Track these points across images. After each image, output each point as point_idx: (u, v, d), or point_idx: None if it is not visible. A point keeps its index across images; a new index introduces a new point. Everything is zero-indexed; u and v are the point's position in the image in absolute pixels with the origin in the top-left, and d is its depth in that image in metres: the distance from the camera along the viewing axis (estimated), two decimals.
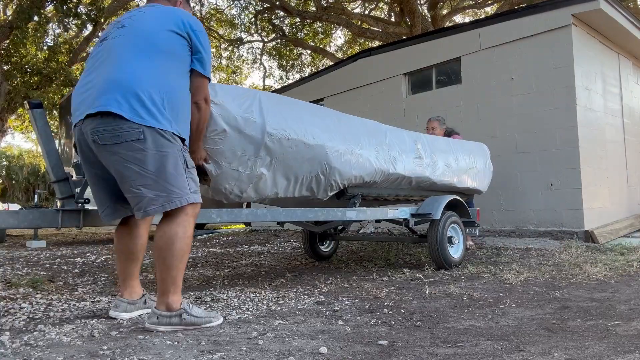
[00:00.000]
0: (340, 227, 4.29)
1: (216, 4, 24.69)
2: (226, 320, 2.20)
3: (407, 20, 12.99)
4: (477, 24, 6.25)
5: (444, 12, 14.78)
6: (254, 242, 6.58)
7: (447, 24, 13.79)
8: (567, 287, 2.83)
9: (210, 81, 2.17)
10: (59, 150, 10.58)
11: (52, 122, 16.98)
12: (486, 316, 2.19)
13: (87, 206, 2.17)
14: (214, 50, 18.55)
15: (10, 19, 11.66)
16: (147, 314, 2.16)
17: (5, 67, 11.68)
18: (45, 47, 12.85)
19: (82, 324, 2.13)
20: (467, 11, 16.50)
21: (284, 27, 16.76)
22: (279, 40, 17.06)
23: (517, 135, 5.63)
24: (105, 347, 1.76)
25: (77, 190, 2.16)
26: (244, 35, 17.59)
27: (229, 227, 11.03)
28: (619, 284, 2.90)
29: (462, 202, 3.97)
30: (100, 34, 15.99)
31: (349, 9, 15.77)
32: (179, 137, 2.00)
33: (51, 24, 12.76)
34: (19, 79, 11.91)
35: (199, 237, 8.10)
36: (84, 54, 15.61)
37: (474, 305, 2.42)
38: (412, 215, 3.64)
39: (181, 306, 2.00)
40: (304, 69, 18.64)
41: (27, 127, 17.95)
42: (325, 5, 14.70)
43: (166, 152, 1.93)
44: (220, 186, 2.52)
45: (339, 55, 17.62)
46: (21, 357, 1.65)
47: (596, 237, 4.95)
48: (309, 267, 4.02)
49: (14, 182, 26.45)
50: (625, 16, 5.63)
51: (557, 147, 5.32)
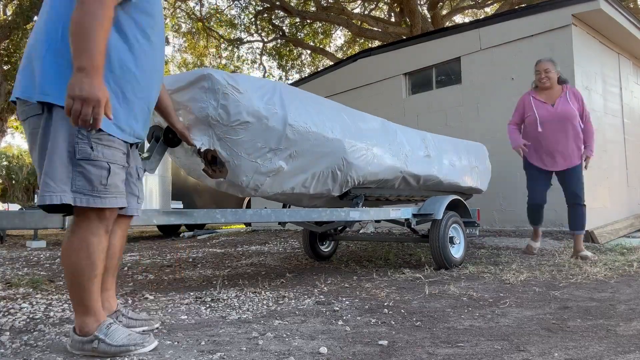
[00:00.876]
0: (340, 227, 4.29)
1: (216, 4, 24.67)
2: (226, 320, 2.20)
3: (407, 20, 12.99)
4: (477, 24, 6.24)
5: (444, 12, 14.78)
6: (254, 242, 6.58)
7: (447, 24, 13.79)
8: (567, 287, 2.83)
9: None
10: None
11: None
12: (486, 316, 2.19)
13: None
14: (213, 50, 18.56)
15: (10, 19, 11.66)
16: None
17: (5, 67, 11.67)
18: None
19: None
20: (467, 11, 16.49)
21: (284, 27, 16.76)
22: (279, 40, 17.06)
23: None
24: None
25: None
26: (244, 35, 17.59)
27: (229, 227, 11.03)
28: (619, 284, 2.90)
29: (463, 202, 3.97)
30: None
31: (349, 9, 15.76)
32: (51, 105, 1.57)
33: None
34: None
35: (199, 237, 8.10)
36: None
37: (474, 305, 2.42)
38: (414, 215, 3.64)
39: (97, 331, 1.65)
40: (303, 69, 18.64)
41: None
42: (325, 5, 14.70)
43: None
44: (237, 179, 2.47)
45: (339, 55, 17.61)
46: (21, 357, 1.65)
47: (596, 237, 4.95)
48: (309, 267, 4.02)
49: (14, 182, 26.45)
50: (625, 16, 5.63)
51: None
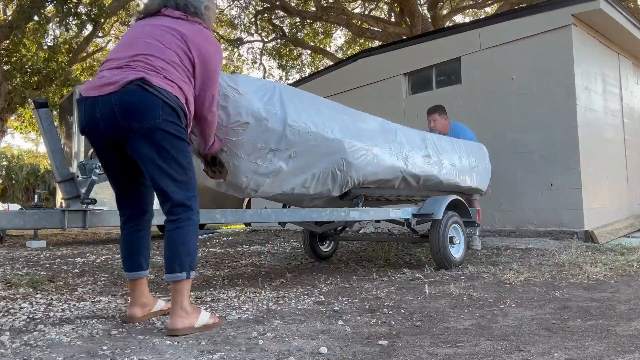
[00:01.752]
0: (340, 227, 4.29)
1: (216, 4, 24.65)
2: (226, 320, 2.20)
3: (407, 20, 12.99)
4: (477, 24, 6.24)
5: (444, 12, 14.78)
6: (254, 242, 6.58)
7: (447, 24, 13.79)
8: (567, 287, 2.83)
9: None
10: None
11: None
12: (486, 316, 2.18)
13: (91, 207, 2.16)
14: None
15: (10, 19, 11.66)
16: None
17: (5, 67, 11.67)
18: (45, 47, 12.83)
19: (82, 324, 2.13)
20: (467, 11, 16.50)
21: (284, 27, 16.76)
22: (279, 40, 17.06)
23: (517, 135, 5.63)
24: (105, 347, 1.76)
25: (83, 190, 2.15)
26: (244, 35, 17.59)
27: (229, 227, 11.03)
28: (619, 284, 2.90)
29: (463, 202, 3.97)
30: (100, 34, 16.05)
31: (349, 9, 15.76)
32: None
33: (51, 24, 12.74)
34: (19, 79, 11.90)
35: (199, 237, 8.10)
36: (84, 54, 15.62)
37: (474, 305, 2.42)
38: (414, 215, 3.63)
39: None
40: (304, 69, 18.64)
41: (25, 127, 17.93)
42: (325, 5, 14.70)
43: None
44: (237, 180, 2.49)
45: (339, 55, 17.62)
46: (21, 357, 1.65)
47: (596, 237, 4.95)
48: (309, 267, 4.02)
49: (13, 182, 26.44)
50: (625, 16, 5.63)
51: (557, 147, 5.31)
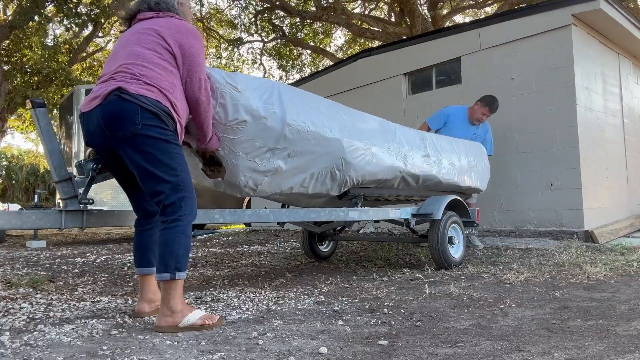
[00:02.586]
0: (339, 227, 4.29)
1: (216, 4, 24.69)
2: (226, 320, 2.20)
3: (407, 20, 12.99)
4: (477, 24, 6.24)
5: (444, 12, 14.78)
6: (254, 242, 6.58)
7: (447, 24, 13.79)
8: (567, 287, 2.83)
9: None
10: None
11: (52, 122, 17.01)
12: (486, 316, 2.19)
13: (89, 207, 2.16)
14: (213, 50, 18.56)
15: (10, 19, 11.66)
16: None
17: (5, 67, 11.67)
18: (45, 47, 12.83)
19: (82, 324, 2.13)
20: (467, 11, 16.50)
21: (284, 27, 16.76)
22: (279, 40, 17.06)
23: (517, 135, 5.63)
24: (105, 347, 1.77)
25: (80, 190, 2.16)
26: (244, 35, 17.59)
27: (229, 227, 11.03)
28: (619, 284, 2.90)
29: (462, 202, 3.97)
30: (100, 34, 16.05)
31: (349, 9, 15.76)
32: None
33: (51, 24, 12.75)
34: (19, 79, 11.90)
35: (199, 237, 8.10)
36: (84, 54, 15.62)
37: (474, 305, 2.42)
38: (413, 215, 3.63)
39: None
40: (304, 69, 18.64)
41: (26, 127, 17.93)
42: (325, 5, 14.70)
43: None
44: (235, 178, 2.50)
45: (339, 55, 17.61)
46: (21, 357, 1.65)
47: (596, 237, 4.95)
48: (309, 267, 4.02)
49: (13, 182, 26.44)
50: (625, 16, 5.63)
51: (557, 147, 5.31)
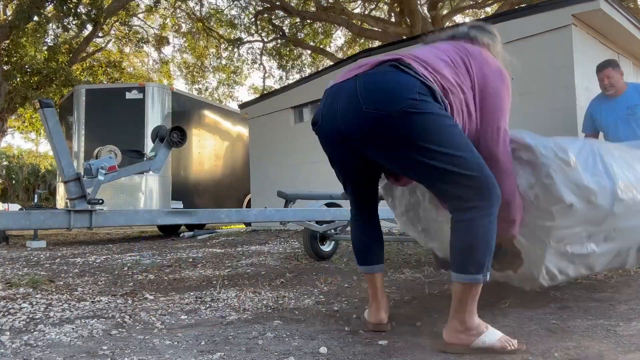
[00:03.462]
0: (339, 227, 4.29)
1: (216, 4, 24.69)
2: (226, 320, 2.20)
3: (407, 20, 12.99)
4: None
5: (444, 12, 14.78)
6: (254, 242, 6.58)
7: (447, 24, 13.79)
8: (567, 287, 2.83)
9: None
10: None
11: None
12: (486, 316, 2.18)
13: (97, 207, 2.16)
14: (213, 50, 18.56)
15: (10, 19, 11.66)
16: None
17: (5, 67, 11.67)
18: (45, 48, 12.83)
19: (82, 324, 2.13)
20: (467, 11, 16.49)
21: (284, 27, 16.75)
22: (279, 40, 17.06)
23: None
24: (105, 347, 1.76)
25: (89, 190, 2.16)
26: (244, 35, 17.59)
27: (229, 227, 11.03)
28: (619, 284, 2.90)
29: None
30: (100, 34, 16.05)
31: (349, 9, 15.77)
32: None
33: (51, 24, 12.75)
34: (19, 79, 11.90)
35: (199, 237, 8.10)
36: (84, 54, 15.62)
37: None
38: None
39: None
40: (304, 69, 18.64)
41: (26, 127, 17.93)
42: (325, 5, 14.70)
43: None
44: (536, 271, 1.99)
45: (339, 55, 17.61)
46: (21, 357, 1.65)
47: None
48: (309, 267, 4.02)
49: (14, 182, 26.43)
50: (625, 16, 5.63)
51: None
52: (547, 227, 1.84)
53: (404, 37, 11.23)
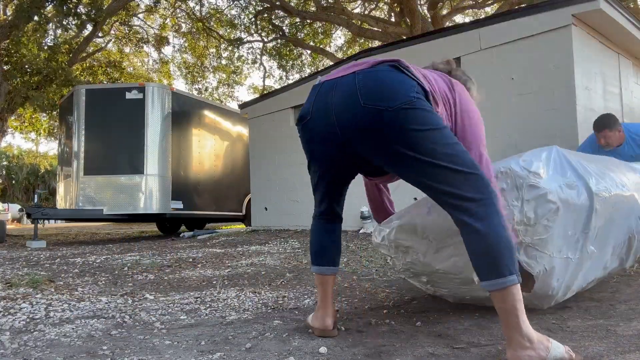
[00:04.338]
0: None
1: (216, 4, 24.68)
2: (226, 320, 2.20)
3: (407, 20, 12.98)
4: (477, 24, 6.24)
5: (444, 12, 14.77)
6: (254, 242, 6.58)
7: (447, 24, 13.79)
8: None
9: None
10: (59, 150, 10.50)
11: (52, 122, 16.99)
12: (486, 316, 2.18)
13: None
14: (213, 50, 18.55)
15: (10, 19, 11.66)
16: None
17: (5, 67, 11.67)
18: (45, 47, 12.83)
19: (82, 324, 2.13)
20: (467, 11, 16.49)
21: (284, 27, 16.76)
22: (279, 40, 17.06)
23: (517, 135, 5.63)
24: (105, 347, 1.77)
25: None
26: (244, 35, 17.58)
27: (229, 227, 11.04)
28: (619, 284, 2.90)
29: None
30: (99, 34, 16.04)
31: (349, 9, 15.76)
32: None
33: (51, 24, 12.74)
34: (19, 79, 11.90)
35: (199, 237, 8.10)
36: (84, 54, 15.62)
37: (474, 305, 2.41)
38: None
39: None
40: (304, 69, 18.63)
41: (26, 127, 17.93)
42: (325, 5, 14.70)
43: None
44: (547, 287, 1.97)
45: (339, 55, 17.60)
46: (21, 357, 1.65)
47: None
48: (309, 267, 4.02)
49: (14, 182, 26.44)
50: (625, 16, 5.63)
51: None
52: (544, 240, 1.87)
53: (404, 37, 11.22)
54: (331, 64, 12.53)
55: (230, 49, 18.37)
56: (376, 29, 14.32)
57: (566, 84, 5.27)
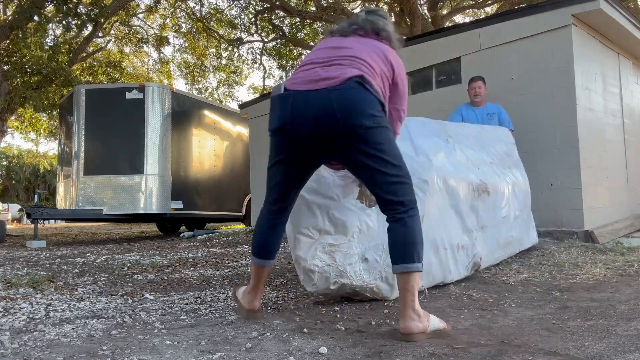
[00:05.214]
0: None
1: (216, 4, 24.66)
2: (226, 320, 2.20)
3: (407, 20, 12.98)
4: (477, 24, 6.24)
5: (444, 12, 14.78)
6: None
7: (447, 24, 13.79)
8: (567, 287, 2.83)
9: None
10: (59, 150, 10.47)
11: (52, 122, 16.99)
12: (486, 316, 2.18)
13: None
14: (213, 50, 18.55)
15: (10, 19, 11.66)
16: None
17: (5, 67, 11.67)
18: (46, 47, 12.83)
19: (82, 324, 2.13)
20: (467, 11, 16.49)
21: (284, 27, 16.75)
22: (279, 40, 17.06)
23: (517, 135, 5.62)
24: (105, 347, 1.77)
25: None
26: (244, 35, 17.58)
27: (229, 227, 11.04)
28: (619, 284, 2.90)
29: None
30: (100, 34, 16.05)
31: (349, 9, 15.76)
32: None
33: (51, 24, 12.74)
34: (19, 79, 11.89)
35: (199, 237, 8.10)
36: (84, 54, 15.62)
37: (474, 305, 2.42)
38: None
39: None
40: None
41: (26, 127, 17.92)
42: (325, 5, 14.70)
43: None
44: None
45: None
46: (21, 357, 1.65)
47: (596, 237, 4.95)
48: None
49: (14, 182, 26.44)
50: (625, 16, 5.63)
51: (557, 147, 5.31)
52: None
53: (404, 37, 11.21)
54: None
55: (230, 49, 18.37)
56: None
57: (566, 84, 5.26)
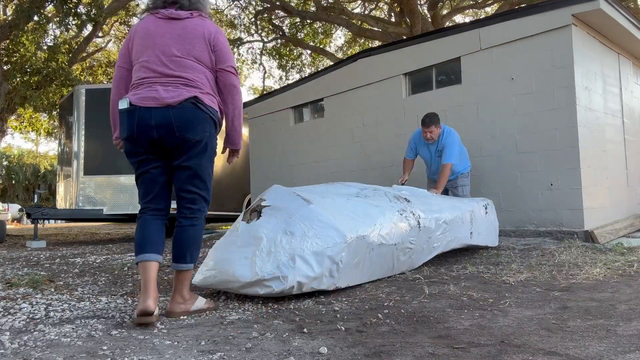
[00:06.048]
0: None
1: (216, 4, 24.64)
2: (226, 320, 2.20)
3: (407, 20, 12.99)
4: (477, 24, 6.24)
5: (444, 12, 14.78)
6: None
7: (447, 24, 13.79)
8: (567, 287, 2.83)
9: None
10: (59, 150, 10.40)
11: (52, 122, 16.99)
12: (486, 316, 2.18)
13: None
14: None
15: (10, 19, 11.66)
16: None
17: (5, 67, 11.67)
18: (45, 47, 12.83)
19: (82, 324, 2.13)
20: (467, 11, 16.49)
21: (284, 27, 16.75)
22: (279, 40, 17.05)
23: (517, 135, 5.62)
24: (105, 347, 1.77)
25: None
26: (243, 35, 17.58)
27: (229, 227, 11.03)
28: (619, 284, 2.90)
29: None
30: (100, 34, 16.05)
31: (349, 9, 15.76)
32: None
33: (51, 24, 12.73)
34: (19, 79, 11.89)
35: None
36: (84, 54, 15.62)
37: (474, 305, 2.42)
38: None
39: None
40: (304, 69, 18.63)
41: (26, 127, 17.92)
42: (325, 5, 14.70)
43: None
44: None
45: (339, 55, 17.61)
46: (21, 357, 1.65)
47: (596, 237, 4.95)
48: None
49: (14, 182, 26.44)
50: (625, 16, 5.63)
51: (557, 147, 5.31)
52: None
53: (404, 37, 11.23)
54: (331, 64, 12.51)
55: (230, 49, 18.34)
56: (376, 29, 14.33)
57: (566, 84, 5.26)
